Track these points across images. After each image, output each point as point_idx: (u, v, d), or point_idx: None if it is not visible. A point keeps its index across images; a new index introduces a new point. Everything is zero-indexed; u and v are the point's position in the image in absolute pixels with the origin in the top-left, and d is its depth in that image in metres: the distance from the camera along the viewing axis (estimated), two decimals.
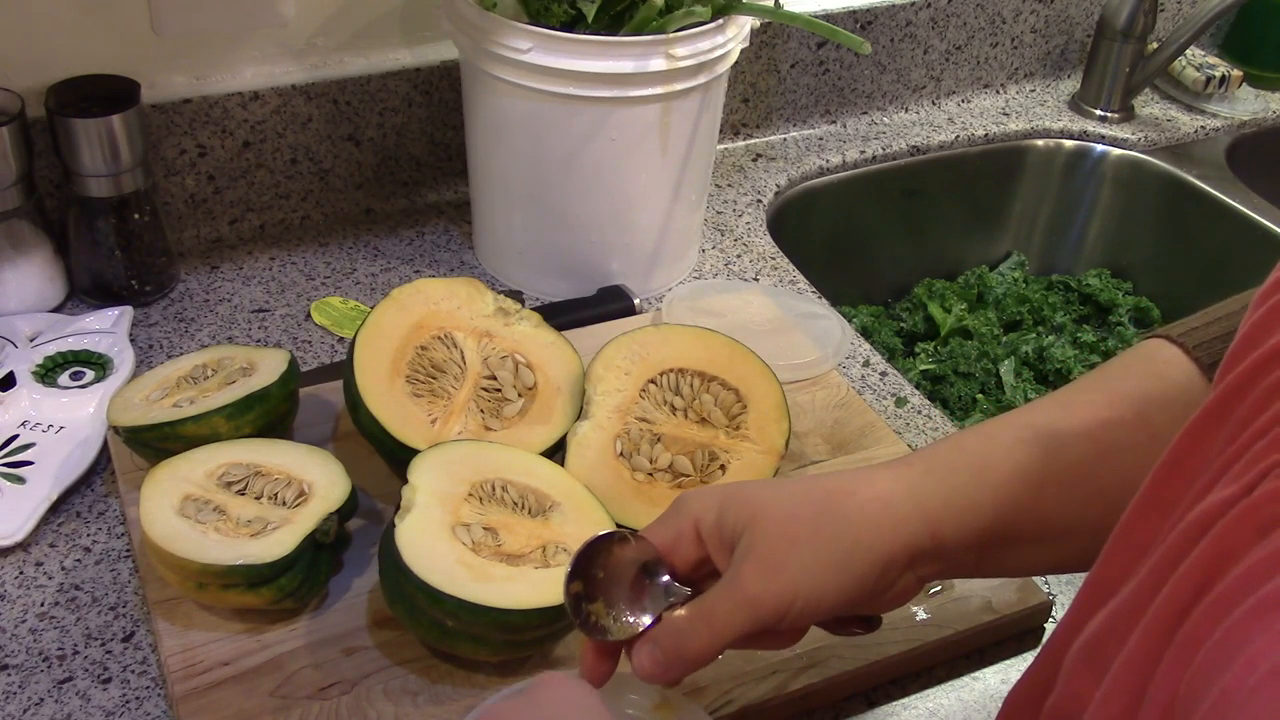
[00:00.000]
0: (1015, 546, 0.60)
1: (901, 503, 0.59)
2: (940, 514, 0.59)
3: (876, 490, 0.60)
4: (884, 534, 0.58)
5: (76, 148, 0.97)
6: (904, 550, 0.58)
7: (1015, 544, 0.60)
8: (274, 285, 1.09)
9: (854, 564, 0.58)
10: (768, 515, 0.58)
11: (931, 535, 0.59)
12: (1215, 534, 0.38)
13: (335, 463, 0.79)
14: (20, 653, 0.75)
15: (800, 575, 0.57)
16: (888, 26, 1.37)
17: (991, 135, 1.44)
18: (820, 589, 0.57)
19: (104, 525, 0.84)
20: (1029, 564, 0.62)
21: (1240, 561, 0.36)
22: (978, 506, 0.59)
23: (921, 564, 0.60)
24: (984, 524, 0.59)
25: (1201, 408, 0.44)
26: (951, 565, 0.60)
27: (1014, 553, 0.61)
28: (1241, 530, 0.37)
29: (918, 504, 0.59)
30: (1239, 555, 0.37)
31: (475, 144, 1.07)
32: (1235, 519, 0.38)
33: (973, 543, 0.60)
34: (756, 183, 1.30)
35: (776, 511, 0.59)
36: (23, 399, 0.91)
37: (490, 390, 0.86)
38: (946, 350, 1.31)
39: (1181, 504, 0.43)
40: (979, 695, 0.78)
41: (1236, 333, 0.47)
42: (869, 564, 0.58)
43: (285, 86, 1.10)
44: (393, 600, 0.72)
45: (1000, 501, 0.59)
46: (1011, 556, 0.61)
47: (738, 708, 0.72)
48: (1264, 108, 1.54)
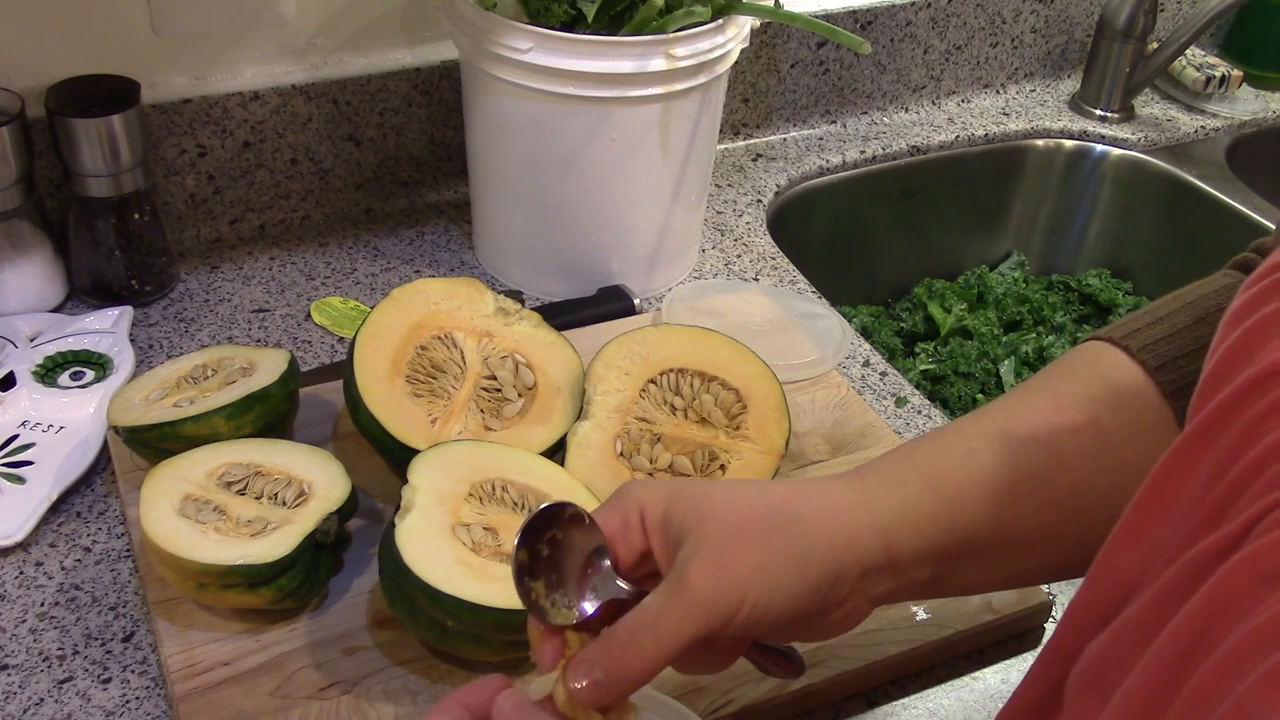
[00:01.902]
0: (971, 560, 0.59)
1: (855, 512, 0.57)
2: (894, 526, 0.57)
3: (830, 499, 0.58)
4: (838, 543, 0.56)
5: (76, 148, 0.97)
6: (856, 563, 0.57)
7: (971, 557, 0.59)
8: (274, 285, 1.09)
9: (807, 571, 0.56)
10: (717, 516, 0.56)
11: (885, 548, 0.57)
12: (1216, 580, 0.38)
13: (335, 463, 0.79)
14: (20, 653, 0.75)
15: (751, 577, 0.55)
16: (888, 26, 1.37)
17: (991, 135, 1.44)
18: (770, 594, 0.55)
19: (104, 525, 0.84)
20: (986, 578, 0.61)
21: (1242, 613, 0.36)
22: (932, 517, 0.58)
23: (874, 580, 0.58)
24: (938, 536, 0.58)
25: (1182, 435, 0.44)
26: (905, 583, 0.59)
27: (970, 566, 0.59)
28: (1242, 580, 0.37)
29: (871, 515, 0.57)
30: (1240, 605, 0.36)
31: (475, 144, 1.07)
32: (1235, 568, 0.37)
33: (927, 555, 0.58)
34: (756, 183, 1.30)
35: (727, 513, 0.56)
36: (23, 399, 0.91)
37: (490, 390, 0.86)
38: (946, 350, 1.31)
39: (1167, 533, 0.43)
40: (979, 695, 0.78)
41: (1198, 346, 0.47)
42: (821, 572, 0.56)
43: (285, 86, 1.10)
44: (393, 600, 0.72)
45: (954, 512, 0.58)
46: (968, 570, 0.59)
47: (738, 708, 0.72)
48: (1264, 108, 1.54)
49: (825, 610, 0.57)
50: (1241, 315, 0.44)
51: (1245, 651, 0.35)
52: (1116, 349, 0.61)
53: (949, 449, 0.60)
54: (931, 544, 0.58)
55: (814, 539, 0.56)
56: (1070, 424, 0.59)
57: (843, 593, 0.57)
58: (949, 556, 0.58)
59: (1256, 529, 0.37)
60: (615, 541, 0.58)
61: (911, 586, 0.59)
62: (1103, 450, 0.59)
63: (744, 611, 0.54)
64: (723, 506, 0.57)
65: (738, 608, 0.54)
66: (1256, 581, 0.36)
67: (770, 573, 0.55)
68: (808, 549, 0.56)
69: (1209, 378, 0.44)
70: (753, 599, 0.54)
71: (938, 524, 0.58)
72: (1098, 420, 0.59)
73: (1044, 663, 0.49)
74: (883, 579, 0.58)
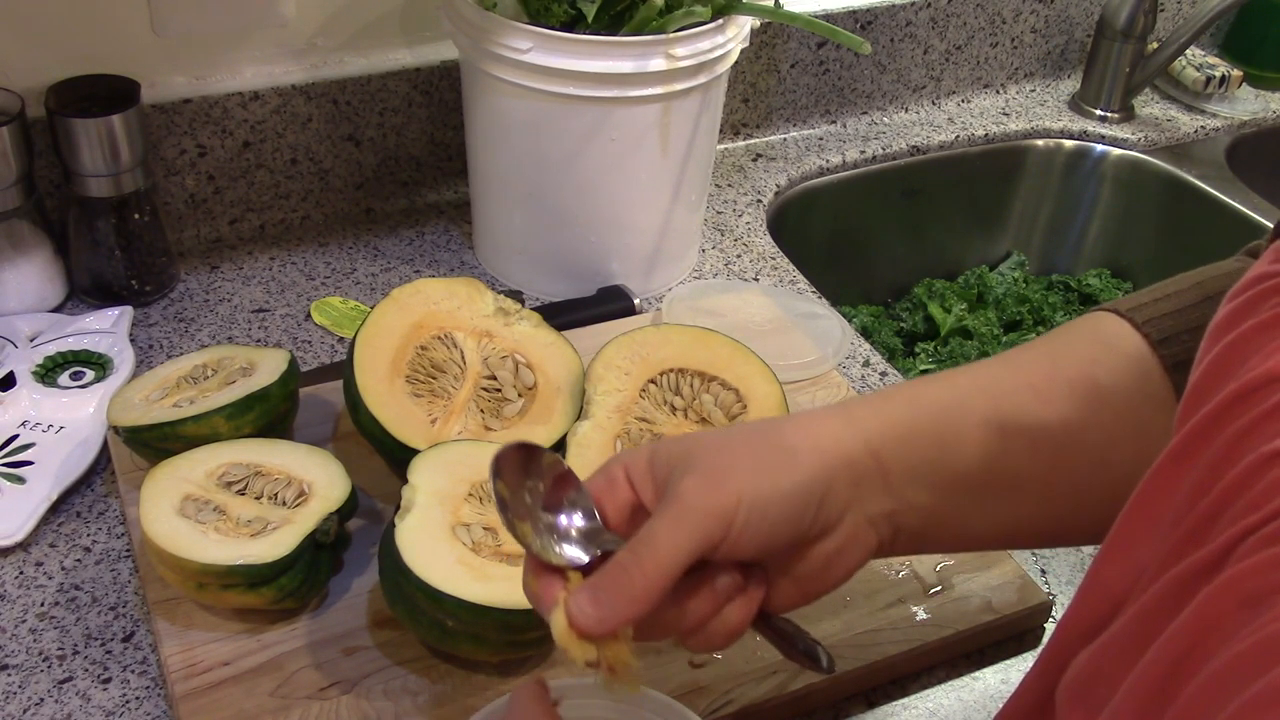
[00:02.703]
0: (965, 496, 0.58)
1: (838, 425, 0.57)
2: (876, 434, 0.57)
3: (811, 418, 0.59)
4: (824, 447, 0.56)
5: (76, 148, 0.97)
6: (846, 468, 0.56)
7: (965, 492, 0.58)
8: (274, 285, 1.09)
9: (796, 471, 0.55)
10: (702, 445, 0.56)
11: (872, 454, 0.57)
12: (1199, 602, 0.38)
13: (335, 463, 0.79)
14: (20, 653, 0.75)
15: (742, 481, 0.54)
16: (888, 26, 1.37)
17: (991, 135, 1.44)
18: (764, 495, 0.54)
19: (104, 525, 0.84)
20: (983, 524, 0.60)
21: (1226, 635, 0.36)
22: (914, 432, 0.58)
23: (869, 495, 0.57)
24: (927, 452, 0.57)
25: (1166, 450, 0.44)
26: (903, 506, 0.58)
27: (965, 504, 0.58)
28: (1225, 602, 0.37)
29: (854, 425, 0.57)
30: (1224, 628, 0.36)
31: (475, 144, 1.07)
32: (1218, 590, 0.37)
33: (919, 474, 0.57)
34: (756, 183, 1.30)
35: (713, 438, 0.57)
36: (23, 399, 0.91)
37: (490, 390, 0.86)
38: (946, 350, 1.31)
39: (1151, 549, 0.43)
40: (979, 695, 0.78)
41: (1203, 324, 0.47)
42: (809, 473, 0.55)
43: (285, 86, 1.10)
44: (393, 600, 0.72)
45: (940, 432, 0.58)
46: (963, 509, 0.59)
47: (738, 708, 0.72)
48: (1264, 108, 1.54)
49: (822, 528, 0.56)
50: (1225, 328, 0.44)
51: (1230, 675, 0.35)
52: (1121, 320, 0.61)
53: (935, 382, 0.61)
54: (922, 460, 0.57)
55: (799, 445, 0.56)
56: (1066, 378, 0.59)
57: (838, 505, 0.56)
58: (942, 485, 0.58)
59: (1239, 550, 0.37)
60: (603, 501, 0.57)
61: (911, 512, 0.58)
62: (1099, 406, 0.58)
63: (740, 515, 0.53)
64: (707, 438, 0.57)
65: (733, 512, 0.53)
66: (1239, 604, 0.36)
67: (760, 474, 0.54)
68: (794, 449, 0.56)
69: (1193, 391, 0.44)
70: (748, 502, 0.54)
71: (923, 439, 0.58)
72: (1095, 379, 0.59)
73: (1037, 672, 0.50)
74: (877, 495, 0.57)
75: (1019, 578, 0.82)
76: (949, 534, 0.60)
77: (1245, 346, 0.42)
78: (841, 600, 0.79)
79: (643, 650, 0.75)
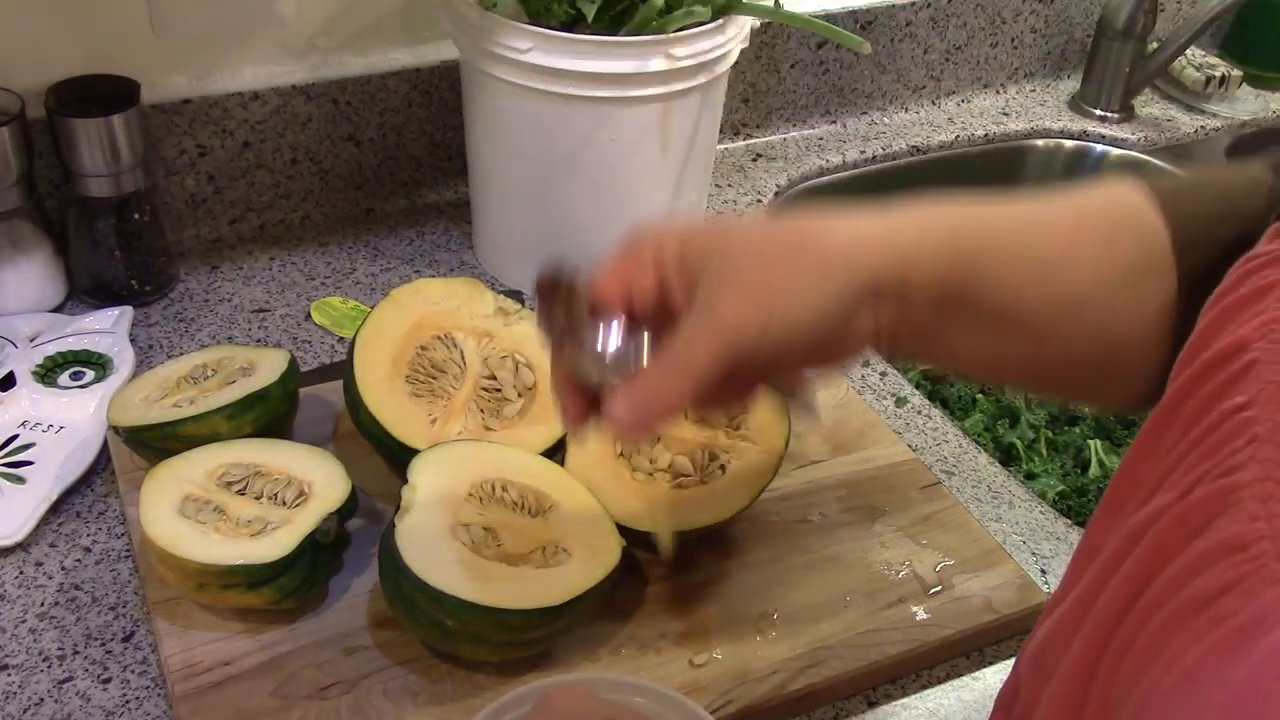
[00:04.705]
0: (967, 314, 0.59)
1: (876, 239, 0.58)
2: (911, 255, 0.58)
3: (850, 224, 0.59)
4: (857, 264, 0.57)
5: (76, 148, 0.97)
6: (872, 283, 0.57)
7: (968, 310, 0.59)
8: (274, 285, 1.09)
9: (829, 284, 0.56)
10: (737, 248, 0.57)
11: (900, 274, 0.58)
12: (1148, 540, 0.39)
13: (335, 463, 0.79)
14: (20, 653, 0.75)
15: (775, 294, 0.56)
16: (888, 26, 1.37)
17: (991, 135, 1.44)
18: (795, 309, 0.56)
19: (104, 525, 0.84)
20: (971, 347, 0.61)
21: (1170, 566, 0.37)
22: (946, 259, 0.59)
23: (883, 304, 0.58)
24: (951, 278, 0.58)
25: (1150, 415, 0.45)
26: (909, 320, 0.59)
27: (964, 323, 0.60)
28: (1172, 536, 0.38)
29: (891, 241, 0.58)
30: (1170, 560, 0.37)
31: (475, 144, 1.07)
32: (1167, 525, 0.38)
33: (933, 293, 0.58)
34: (756, 183, 1.30)
35: (746, 242, 0.58)
36: (23, 399, 0.91)
37: (490, 390, 0.86)
38: None
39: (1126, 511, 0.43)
40: (979, 695, 0.78)
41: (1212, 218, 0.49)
42: (839, 294, 0.56)
43: (285, 86, 1.10)
44: (393, 600, 0.72)
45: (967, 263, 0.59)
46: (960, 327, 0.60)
47: (738, 708, 0.72)
48: (1264, 108, 1.54)
49: (843, 333, 0.58)
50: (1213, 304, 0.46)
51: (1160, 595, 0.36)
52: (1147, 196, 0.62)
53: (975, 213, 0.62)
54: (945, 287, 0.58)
55: (834, 258, 0.57)
56: (1089, 235, 0.60)
57: (859, 309, 0.58)
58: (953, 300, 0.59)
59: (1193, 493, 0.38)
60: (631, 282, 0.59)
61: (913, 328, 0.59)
62: (1111, 264, 0.60)
63: (773, 327, 0.55)
64: (739, 238, 0.58)
65: (765, 325, 0.55)
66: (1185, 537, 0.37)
67: (793, 289, 0.56)
68: (828, 266, 0.57)
69: (1181, 359, 0.46)
70: (780, 315, 0.55)
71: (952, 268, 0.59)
72: (1114, 238, 0.60)
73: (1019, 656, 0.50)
74: (890, 306, 0.58)
75: (1019, 578, 0.82)
76: (939, 352, 0.62)
77: (1224, 319, 0.44)
78: (841, 600, 0.79)
79: (643, 650, 0.75)
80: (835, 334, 0.57)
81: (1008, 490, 0.93)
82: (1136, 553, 0.39)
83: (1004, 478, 0.95)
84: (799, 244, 0.58)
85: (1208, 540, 0.36)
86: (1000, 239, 0.60)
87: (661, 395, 0.56)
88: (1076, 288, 0.60)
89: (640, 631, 0.76)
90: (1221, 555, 0.35)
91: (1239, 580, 0.34)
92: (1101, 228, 0.61)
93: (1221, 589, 0.34)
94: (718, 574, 0.81)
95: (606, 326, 0.59)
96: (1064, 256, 0.60)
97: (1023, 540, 0.89)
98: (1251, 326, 0.41)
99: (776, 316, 0.55)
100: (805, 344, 0.57)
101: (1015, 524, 0.90)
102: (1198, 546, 0.36)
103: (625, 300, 0.59)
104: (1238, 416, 0.39)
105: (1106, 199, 0.62)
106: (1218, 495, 0.37)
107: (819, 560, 0.82)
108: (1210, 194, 0.62)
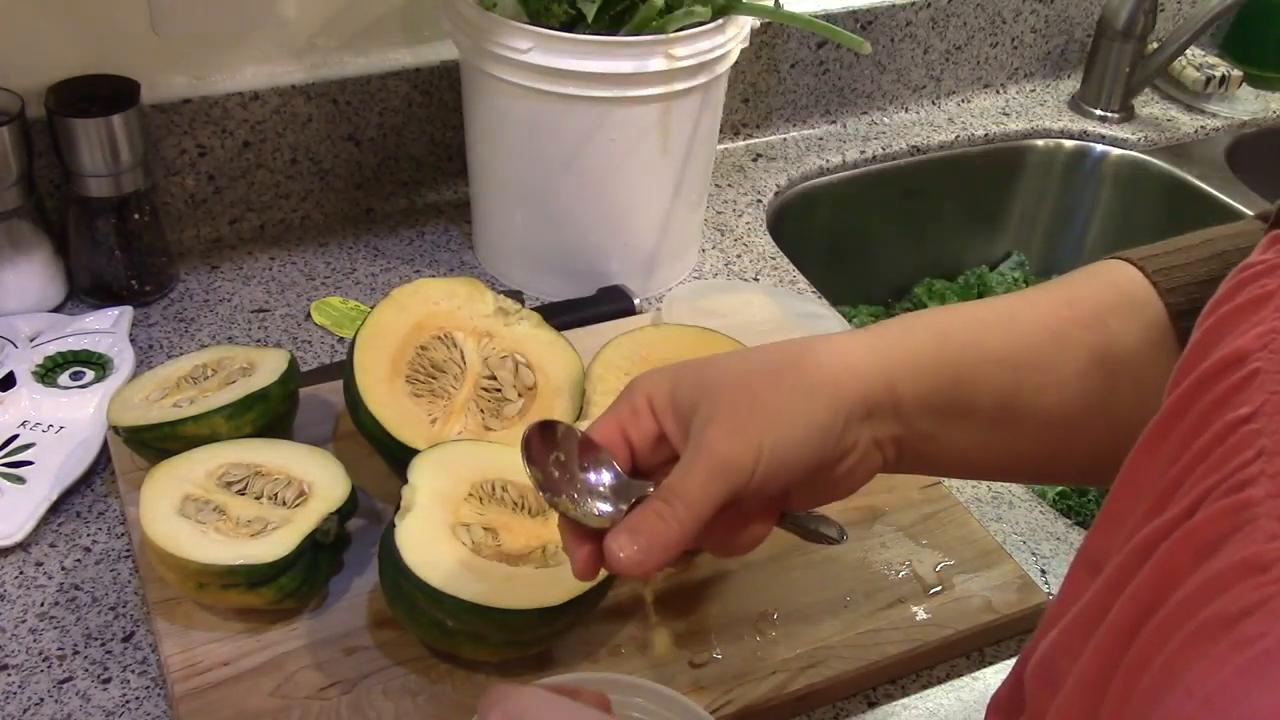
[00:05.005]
0: (969, 421, 0.60)
1: (860, 355, 0.60)
2: (898, 369, 0.59)
3: (834, 347, 0.60)
4: (843, 383, 0.58)
5: (76, 148, 0.97)
6: (862, 401, 0.59)
7: (969, 418, 0.60)
8: (274, 285, 1.09)
9: (815, 413, 0.58)
10: (724, 381, 0.59)
11: (889, 388, 0.59)
12: (1158, 557, 0.38)
13: (335, 463, 0.79)
14: (20, 653, 0.75)
15: (764, 427, 0.57)
16: (888, 26, 1.37)
17: (991, 135, 1.44)
18: (784, 440, 0.57)
19: (104, 525, 0.84)
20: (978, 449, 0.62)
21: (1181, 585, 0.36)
22: (935, 366, 0.60)
23: (879, 421, 0.59)
24: (941, 385, 0.59)
25: (1151, 423, 0.45)
26: (910, 433, 0.60)
27: (967, 429, 0.61)
28: (1181, 554, 0.37)
29: (876, 358, 0.60)
30: (1180, 579, 0.37)
31: (475, 144, 1.07)
32: (1176, 542, 0.38)
33: (928, 403, 0.59)
34: (756, 183, 1.30)
35: (732, 375, 0.59)
36: (23, 399, 0.91)
37: (490, 390, 0.86)
38: None
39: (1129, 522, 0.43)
40: (979, 695, 0.78)
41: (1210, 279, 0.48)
42: (830, 413, 0.58)
43: (285, 86, 1.10)
44: (393, 600, 0.72)
45: (958, 365, 0.60)
46: (964, 433, 0.61)
47: (738, 708, 0.72)
48: (1264, 108, 1.54)
49: (838, 457, 0.59)
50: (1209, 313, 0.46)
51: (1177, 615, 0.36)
52: (1132, 267, 0.63)
53: (957, 314, 0.63)
54: (936, 394, 0.60)
55: (820, 382, 0.58)
56: (1077, 317, 0.61)
57: (851, 436, 0.59)
58: (950, 411, 0.60)
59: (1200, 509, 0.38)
60: (628, 430, 0.60)
61: (916, 439, 0.61)
62: (1106, 348, 0.60)
63: (763, 461, 0.57)
64: (727, 372, 0.59)
65: (756, 459, 0.57)
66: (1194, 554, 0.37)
67: (781, 421, 0.57)
68: (814, 391, 0.58)
69: (1180, 367, 0.45)
70: (769, 446, 0.57)
71: (941, 374, 0.60)
72: (1104, 319, 0.61)
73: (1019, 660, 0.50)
74: (888, 422, 0.60)
75: (1019, 578, 0.82)
76: (950, 460, 0.63)
77: (1222, 328, 0.44)
78: (841, 600, 0.79)
79: (643, 651, 0.75)
80: (832, 453, 0.59)
81: (1008, 490, 0.93)
82: (1145, 570, 0.39)
83: None
84: (784, 371, 0.59)
85: (1223, 560, 0.35)
86: (986, 340, 0.61)
87: (661, 534, 0.56)
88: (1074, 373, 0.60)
89: (640, 631, 0.76)
90: (1241, 576, 0.34)
91: (1262, 603, 0.33)
92: (1089, 312, 0.61)
93: (1243, 612, 0.33)
94: (718, 574, 0.81)
95: (608, 471, 0.60)
96: (1054, 346, 0.61)
97: (1023, 540, 0.89)
98: (1251, 336, 0.41)
99: (767, 444, 0.57)
100: (802, 467, 0.58)
101: (1015, 524, 0.90)
102: (1213, 566, 0.35)
103: (624, 446, 0.60)
104: (1244, 429, 0.38)
105: (1093, 283, 0.63)
106: (1229, 512, 0.36)
107: (819, 560, 0.82)
108: (1199, 253, 0.62)
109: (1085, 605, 0.42)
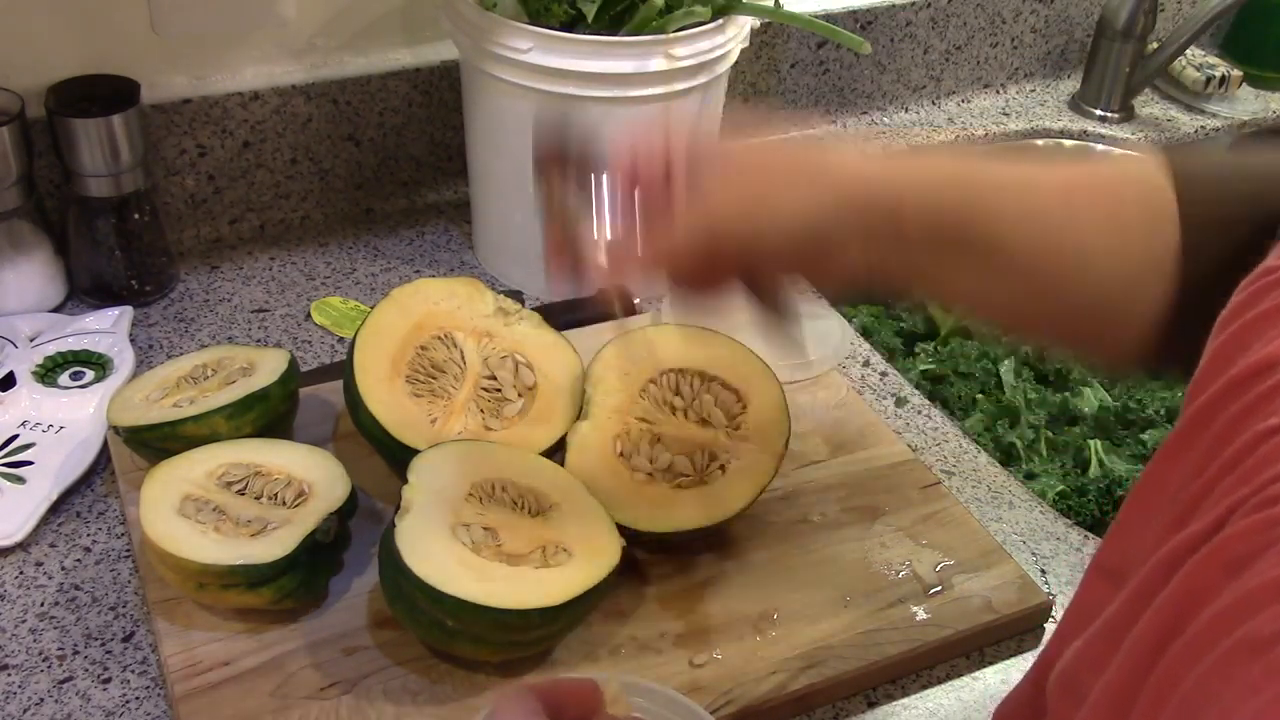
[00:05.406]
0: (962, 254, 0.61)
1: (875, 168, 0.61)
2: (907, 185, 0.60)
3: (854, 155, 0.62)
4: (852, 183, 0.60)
5: (76, 148, 0.97)
6: (864, 200, 0.60)
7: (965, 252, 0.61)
8: (274, 285, 1.09)
9: (818, 196, 0.59)
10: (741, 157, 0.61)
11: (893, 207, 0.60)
12: (1186, 571, 0.38)
13: (335, 463, 0.79)
14: (20, 653, 0.75)
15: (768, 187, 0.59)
16: (888, 26, 1.37)
17: (991, 135, 1.44)
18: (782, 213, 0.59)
19: (104, 525, 0.84)
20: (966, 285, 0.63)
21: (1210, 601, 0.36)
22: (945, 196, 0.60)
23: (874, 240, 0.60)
24: (945, 209, 0.60)
25: (1172, 432, 0.44)
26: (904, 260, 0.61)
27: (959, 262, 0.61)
28: (1210, 569, 0.37)
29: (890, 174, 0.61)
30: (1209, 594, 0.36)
31: (475, 144, 1.07)
32: (1205, 557, 0.37)
33: (929, 228, 0.60)
34: None
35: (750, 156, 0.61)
36: (23, 399, 0.91)
37: (490, 390, 0.86)
38: (946, 350, 1.31)
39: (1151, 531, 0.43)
40: (979, 695, 0.78)
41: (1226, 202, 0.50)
42: (832, 200, 0.59)
43: (285, 86, 1.10)
44: (393, 600, 0.72)
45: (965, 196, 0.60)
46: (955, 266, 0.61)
47: (738, 708, 0.72)
48: (1264, 108, 1.54)
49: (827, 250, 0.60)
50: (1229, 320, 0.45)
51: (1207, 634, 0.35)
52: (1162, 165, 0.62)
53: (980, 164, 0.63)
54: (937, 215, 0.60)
55: (830, 173, 0.60)
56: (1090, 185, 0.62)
57: (846, 231, 0.60)
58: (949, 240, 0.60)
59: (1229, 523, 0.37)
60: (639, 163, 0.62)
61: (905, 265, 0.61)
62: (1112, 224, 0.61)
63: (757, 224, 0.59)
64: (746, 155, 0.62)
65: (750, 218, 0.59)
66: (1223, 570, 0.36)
67: (787, 183, 0.60)
68: (821, 178, 0.60)
69: (1197, 381, 0.45)
70: (770, 205, 0.59)
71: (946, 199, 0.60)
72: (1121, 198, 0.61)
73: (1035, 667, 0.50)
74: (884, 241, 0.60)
75: (1019, 578, 0.82)
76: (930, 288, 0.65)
77: (1246, 335, 0.43)
78: (841, 600, 0.79)
79: (642, 651, 0.75)
80: (819, 246, 0.60)
81: (1008, 490, 0.93)
82: (1173, 584, 0.38)
83: (1004, 478, 0.95)
84: (799, 163, 0.61)
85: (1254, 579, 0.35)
86: (1004, 192, 0.61)
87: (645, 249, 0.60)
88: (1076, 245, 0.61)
89: (640, 631, 0.76)
90: (1273, 598, 0.34)
91: None
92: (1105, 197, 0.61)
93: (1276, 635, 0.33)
94: (718, 574, 0.81)
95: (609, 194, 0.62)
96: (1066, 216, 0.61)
97: (1023, 540, 0.89)
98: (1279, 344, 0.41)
99: (763, 216, 0.59)
100: (787, 247, 0.60)
101: (1015, 524, 0.90)
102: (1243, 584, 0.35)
103: (631, 176, 0.62)
104: (1274, 440, 0.38)
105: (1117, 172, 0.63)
106: (1260, 528, 0.36)
107: (819, 560, 0.82)
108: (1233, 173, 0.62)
109: (1110, 618, 0.42)
